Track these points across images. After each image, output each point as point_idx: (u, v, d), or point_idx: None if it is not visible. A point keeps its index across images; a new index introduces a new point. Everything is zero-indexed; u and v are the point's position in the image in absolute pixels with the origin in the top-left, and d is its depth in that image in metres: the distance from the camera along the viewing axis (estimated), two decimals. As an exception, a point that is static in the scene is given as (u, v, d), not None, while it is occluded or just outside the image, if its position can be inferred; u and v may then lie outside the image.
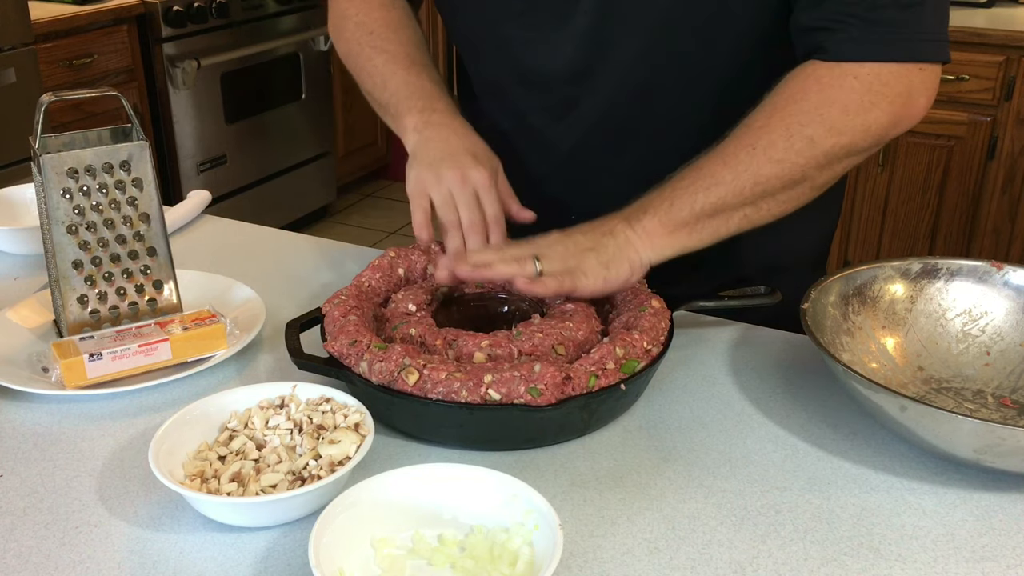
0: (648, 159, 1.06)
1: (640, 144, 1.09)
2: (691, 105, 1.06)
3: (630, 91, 1.06)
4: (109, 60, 3.02)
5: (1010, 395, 0.93)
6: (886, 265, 1.01)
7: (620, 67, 1.05)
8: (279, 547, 0.75)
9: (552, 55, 1.07)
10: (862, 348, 0.96)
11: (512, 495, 0.72)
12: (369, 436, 0.79)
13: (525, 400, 0.81)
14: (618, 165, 1.11)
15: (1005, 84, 2.64)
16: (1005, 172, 2.73)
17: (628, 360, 0.87)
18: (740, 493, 0.81)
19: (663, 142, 1.07)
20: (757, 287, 1.02)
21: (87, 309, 1.01)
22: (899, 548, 0.75)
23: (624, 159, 1.11)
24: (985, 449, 0.77)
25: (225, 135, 3.48)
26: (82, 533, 0.76)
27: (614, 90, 1.06)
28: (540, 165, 1.14)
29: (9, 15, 2.63)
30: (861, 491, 0.81)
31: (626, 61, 1.04)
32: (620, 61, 1.04)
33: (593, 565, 0.73)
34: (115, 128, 1.04)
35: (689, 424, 0.90)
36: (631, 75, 1.05)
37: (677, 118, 1.07)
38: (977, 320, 0.98)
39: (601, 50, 1.04)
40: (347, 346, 0.88)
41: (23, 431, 0.89)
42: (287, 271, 1.21)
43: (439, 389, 0.82)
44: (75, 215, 0.99)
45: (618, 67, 1.05)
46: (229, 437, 0.82)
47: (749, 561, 0.73)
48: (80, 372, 0.93)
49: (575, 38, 1.04)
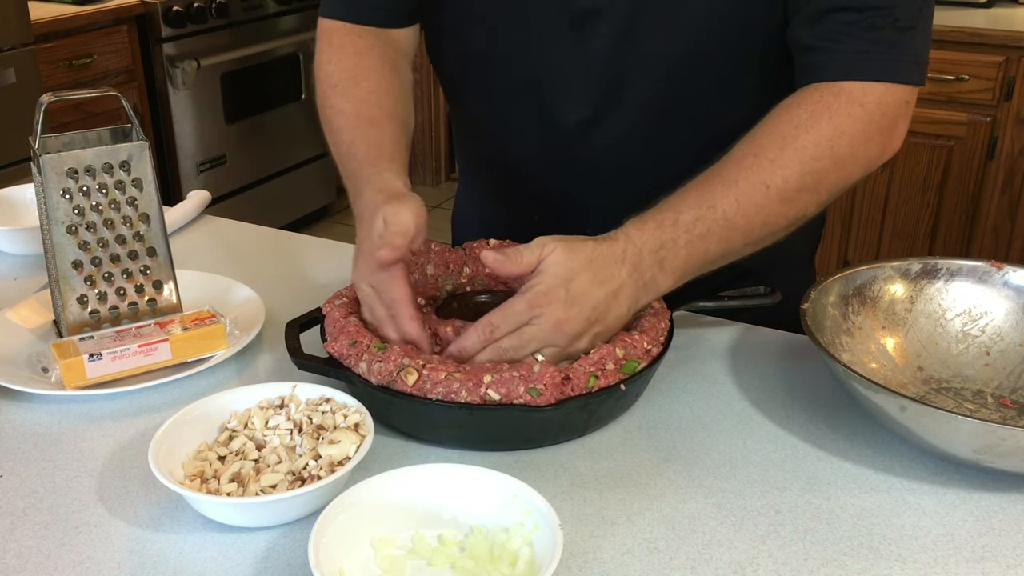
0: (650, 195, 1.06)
1: (645, 181, 1.07)
2: (701, 142, 1.04)
3: (641, 131, 1.06)
4: (109, 60, 3.02)
5: (1010, 395, 0.93)
6: (886, 265, 1.01)
7: (632, 109, 1.04)
8: (279, 547, 0.75)
9: (567, 103, 1.05)
10: (862, 348, 0.96)
11: (512, 495, 0.72)
12: (369, 436, 0.79)
13: (525, 400, 0.81)
14: (621, 202, 1.09)
15: (1005, 84, 2.64)
16: (1005, 172, 2.73)
17: (628, 360, 0.87)
18: (740, 493, 0.81)
19: (669, 179, 1.06)
20: (757, 287, 1.02)
21: (87, 309, 1.01)
22: (899, 548, 0.75)
23: (627, 196, 1.09)
24: (985, 449, 0.77)
25: (225, 135, 3.48)
26: (82, 533, 0.76)
27: (624, 132, 1.06)
28: (554, 183, 1.13)
29: (9, 15, 2.63)
30: (861, 491, 0.81)
31: (639, 102, 1.03)
32: (632, 103, 1.04)
33: (593, 565, 0.73)
34: (115, 128, 1.04)
35: (689, 424, 0.90)
36: (644, 115, 1.04)
37: (685, 156, 1.06)
38: (977, 320, 0.98)
39: (615, 92, 1.03)
40: (347, 347, 0.88)
41: (23, 431, 0.89)
42: (287, 271, 1.21)
43: (438, 389, 0.82)
44: (75, 215, 0.99)
45: (631, 109, 1.04)
46: (229, 437, 0.82)
47: (749, 561, 0.73)
48: (80, 372, 0.93)
49: (590, 84, 1.03)
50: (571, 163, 1.10)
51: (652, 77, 1.02)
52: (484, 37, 1.08)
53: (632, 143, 1.07)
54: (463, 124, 1.23)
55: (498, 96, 1.12)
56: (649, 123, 1.05)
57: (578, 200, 1.12)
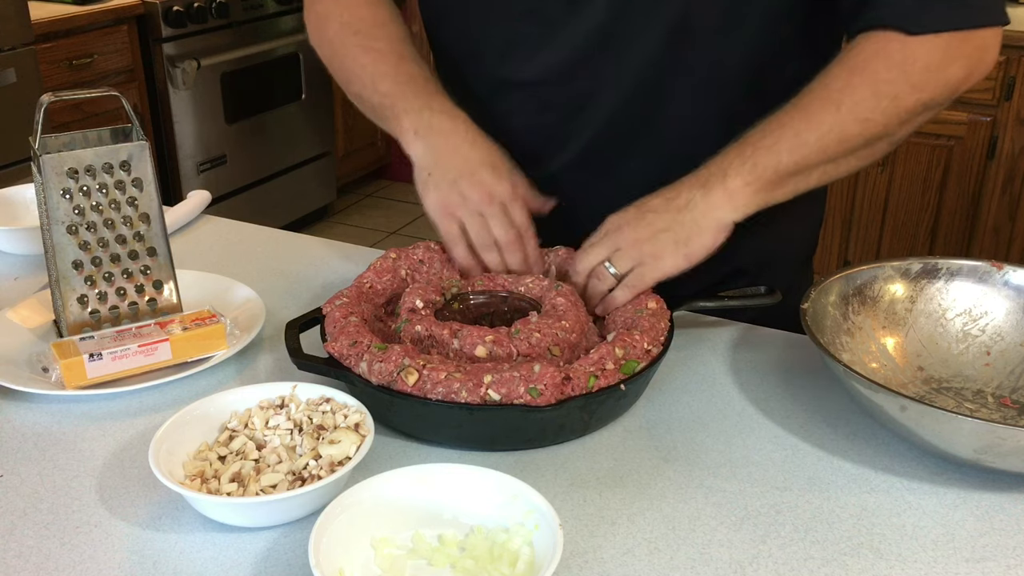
0: (655, 159, 1.06)
1: (648, 143, 1.08)
2: (702, 101, 1.05)
3: (639, 89, 1.05)
4: (109, 60, 3.03)
5: (1010, 395, 0.93)
6: (886, 265, 1.01)
7: (631, 65, 1.03)
8: (279, 547, 0.75)
9: (560, 54, 1.05)
10: (862, 348, 0.96)
11: (512, 495, 0.72)
12: (369, 436, 0.79)
13: (525, 400, 0.81)
14: (626, 165, 1.10)
15: (1005, 84, 2.64)
16: (1005, 172, 2.73)
17: (628, 360, 0.87)
18: (740, 493, 0.81)
19: (672, 140, 1.06)
20: (757, 287, 1.02)
21: (87, 309, 1.01)
22: (899, 548, 0.75)
23: (632, 159, 1.09)
24: (985, 449, 0.77)
25: (225, 135, 3.48)
26: (82, 533, 0.76)
27: (623, 89, 1.05)
28: (545, 168, 1.13)
29: (9, 15, 2.63)
30: (861, 491, 0.81)
31: (637, 59, 1.02)
32: (631, 60, 1.03)
33: (593, 565, 0.73)
34: (115, 128, 1.04)
35: (689, 424, 0.90)
36: (642, 73, 1.03)
37: (688, 115, 1.05)
38: (977, 320, 0.98)
39: (611, 48, 1.03)
40: (347, 347, 0.88)
41: (23, 431, 0.89)
42: (287, 271, 1.21)
43: (439, 389, 0.82)
44: (75, 215, 0.99)
45: (629, 66, 1.03)
46: (229, 437, 0.82)
47: (749, 561, 0.73)
48: (80, 372, 0.93)
49: (586, 35, 1.02)
50: (576, 119, 1.09)
51: (649, 31, 1.01)
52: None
53: (632, 103, 1.06)
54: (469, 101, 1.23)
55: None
56: (648, 80, 1.04)
57: (587, 159, 1.12)
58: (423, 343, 0.90)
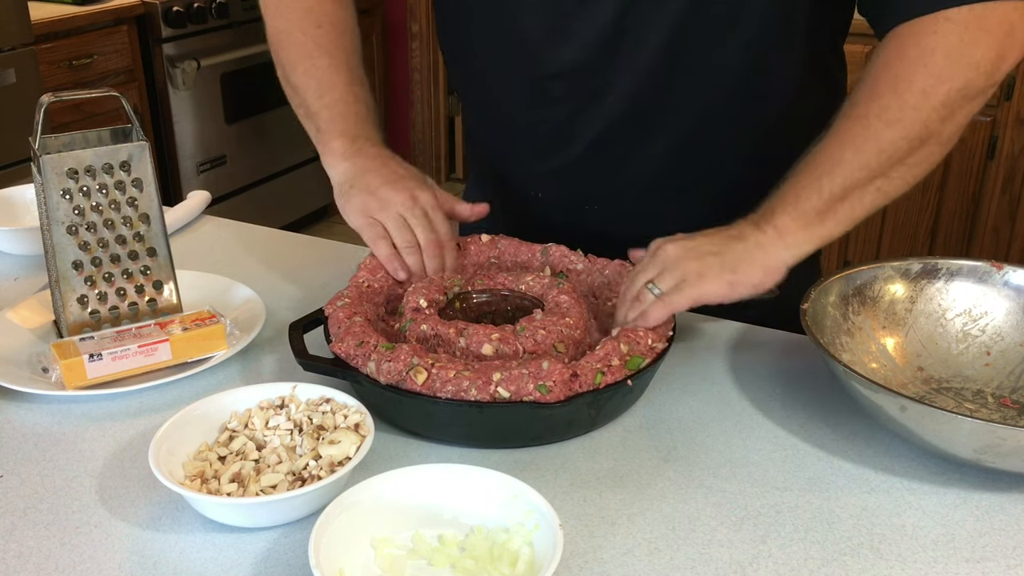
0: (664, 152, 1.05)
1: (657, 136, 1.07)
2: (712, 93, 1.04)
3: (651, 80, 1.04)
4: (109, 60, 3.02)
5: (1010, 395, 0.93)
6: (886, 265, 1.01)
7: (640, 59, 1.03)
8: (279, 547, 0.75)
9: (572, 46, 1.04)
10: (862, 348, 0.96)
11: (512, 495, 0.72)
12: (369, 437, 0.79)
13: (534, 397, 0.81)
14: (634, 158, 1.09)
15: (1005, 84, 2.64)
16: (1005, 172, 2.73)
17: (632, 356, 0.87)
18: (740, 493, 0.81)
19: (681, 132, 1.06)
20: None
21: (87, 309, 1.01)
22: (899, 548, 0.75)
23: (640, 153, 1.09)
24: (985, 449, 0.77)
25: (225, 135, 3.48)
26: (82, 533, 0.76)
27: (635, 80, 1.04)
28: (553, 162, 1.13)
29: (9, 15, 2.63)
30: (861, 491, 0.81)
31: (647, 53, 1.02)
32: (640, 53, 1.02)
33: (593, 565, 0.73)
34: (115, 128, 1.04)
35: (689, 424, 0.90)
36: (651, 66, 1.03)
37: (696, 106, 1.05)
38: (977, 320, 0.98)
39: (622, 42, 1.02)
40: (354, 347, 0.88)
41: (23, 431, 0.89)
42: (287, 271, 1.21)
43: (448, 388, 0.82)
44: (75, 215, 0.99)
45: (639, 59, 1.03)
46: (229, 437, 0.82)
47: (749, 561, 0.73)
48: (80, 372, 0.93)
49: (598, 29, 1.02)
50: (587, 111, 1.08)
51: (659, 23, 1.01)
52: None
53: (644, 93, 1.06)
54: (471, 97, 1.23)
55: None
56: (659, 71, 1.04)
57: (599, 151, 1.11)
58: (429, 342, 0.90)
